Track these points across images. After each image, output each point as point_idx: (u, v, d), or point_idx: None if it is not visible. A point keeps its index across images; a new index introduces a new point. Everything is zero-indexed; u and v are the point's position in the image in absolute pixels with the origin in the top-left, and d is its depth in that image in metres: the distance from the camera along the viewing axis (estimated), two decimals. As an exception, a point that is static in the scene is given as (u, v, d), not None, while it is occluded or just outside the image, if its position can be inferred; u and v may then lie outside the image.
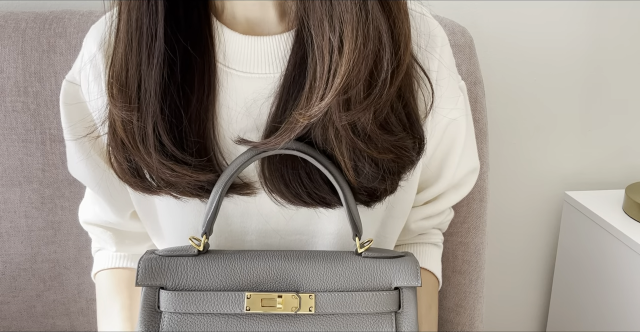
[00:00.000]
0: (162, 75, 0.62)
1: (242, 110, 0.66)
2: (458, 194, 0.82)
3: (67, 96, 0.72)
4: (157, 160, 0.64)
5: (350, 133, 0.62)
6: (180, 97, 0.63)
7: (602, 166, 1.33)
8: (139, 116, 0.63)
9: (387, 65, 0.60)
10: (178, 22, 0.63)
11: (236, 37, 0.66)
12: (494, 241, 1.36)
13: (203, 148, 0.65)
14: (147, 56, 0.61)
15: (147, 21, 0.60)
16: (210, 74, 0.65)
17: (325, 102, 0.59)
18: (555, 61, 1.23)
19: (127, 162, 0.66)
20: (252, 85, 0.66)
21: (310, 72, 0.61)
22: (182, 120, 0.64)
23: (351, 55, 0.57)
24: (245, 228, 0.72)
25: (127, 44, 0.61)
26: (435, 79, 0.69)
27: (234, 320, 0.64)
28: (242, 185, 0.68)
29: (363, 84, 0.60)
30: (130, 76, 0.62)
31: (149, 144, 0.63)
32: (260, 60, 0.66)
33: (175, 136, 0.64)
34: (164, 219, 0.74)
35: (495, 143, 1.24)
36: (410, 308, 0.66)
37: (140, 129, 0.63)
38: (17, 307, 1.03)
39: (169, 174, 0.65)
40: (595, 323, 1.23)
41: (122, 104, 0.62)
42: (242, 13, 0.65)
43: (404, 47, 0.61)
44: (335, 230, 0.71)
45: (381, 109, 0.62)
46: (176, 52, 0.62)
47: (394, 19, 0.60)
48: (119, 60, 0.62)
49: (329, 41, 0.58)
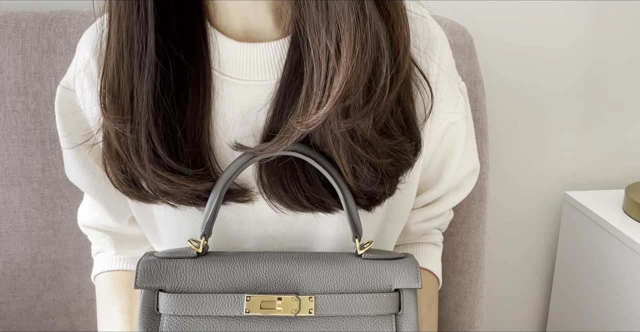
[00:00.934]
0: (154, 85, 0.60)
1: (238, 117, 0.65)
2: (458, 196, 0.82)
3: (62, 103, 0.71)
4: (152, 172, 0.63)
5: (349, 139, 0.61)
6: (174, 107, 0.62)
7: (602, 165, 1.33)
8: (132, 128, 0.61)
9: (386, 71, 0.58)
10: (170, 30, 0.61)
11: (231, 44, 0.65)
12: (494, 241, 1.36)
13: (199, 158, 0.65)
14: (138, 66, 0.60)
15: (137, 31, 0.59)
16: (205, 82, 0.64)
17: (323, 111, 0.58)
18: (555, 61, 1.23)
19: (122, 173, 0.65)
20: (248, 93, 0.65)
21: (307, 78, 0.60)
22: (177, 130, 0.63)
23: (349, 64, 0.56)
24: (243, 236, 0.71)
25: (118, 54, 0.60)
26: (435, 82, 0.68)
27: (233, 322, 0.64)
28: (239, 191, 0.67)
29: (362, 91, 0.58)
30: (122, 86, 0.61)
31: (144, 156, 0.62)
32: (256, 67, 0.65)
33: (170, 147, 0.63)
34: (162, 226, 0.74)
35: (495, 143, 1.24)
36: (410, 310, 0.66)
37: (133, 141, 0.62)
38: (17, 307, 1.03)
39: (165, 185, 0.64)
40: (595, 323, 1.23)
41: (115, 115, 0.61)
42: (237, 20, 0.64)
43: (403, 51, 0.59)
44: (334, 235, 0.71)
45: (381, 115, 0.61)
46: (169, 62, 0.61)
47: (393, 23, 0.58)
48: (111, 70, 0.61)
49: (326, 47, 0.57)
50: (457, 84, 0.74)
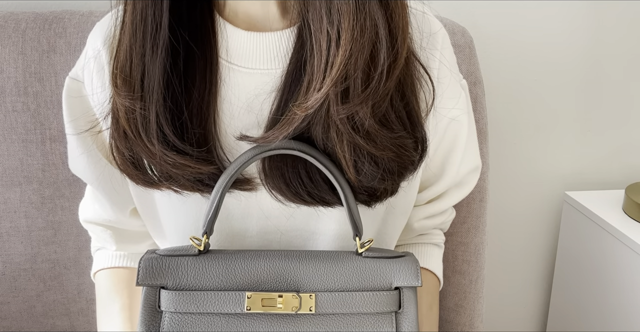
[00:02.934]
0: (164, 66, 0.63)
1: (243, 105, 0.67)
2: (460, 193, 0.82)
3: (70, 91, 0.72)
4: (158, 151, 0.64)
5: (349, 128, 0.62)
6: (182, 89, 0.64)
7: (602, 166, 1.34)
8: (142, 105, 0.64)
9: (383, 58, 0.60)
10: (181, 17, 0.64)
11: (238, 33, 0.66)
12: (494, 241, 1.36)
13: (204, 140, 0.66)
14: (151, 46, 0.62)
15: (151, 11, 0.61)
16: (212, 69, 0.66)
17: (322, 91, 0.59)
18: (555, 61, 1.23)
19: (129, 152, 0.67)
20: (254, 81, 0.66)
21: (309, 65, 0.61)
22: (184, 112, 0.65)
23: (347, 46, 0.58)
24: (245, 225, 0.72)
25: (132, 35, 0.62)
26: (437, 77, 0.69)
27: (234, 320, 0.64)
28: (243, 180, 0.68)
29: (360, 78, 0.60)
30: (135, 66, 0.63)
31: (152, 133, 0.64)
32: (262, 56, 0.66)
33: (177, 127, 0.64)
34: (165, 215, 0.74)
35: (495, 143, 1.24)
36: (410, 308, 0.66)
37: (142, 117, 0.64)
38: (17, 307, 1.03)
39: (170, 165, 0.65)
40: (595, 323, 1.23)
41: (126, 93, 0.63)
42: (244, 9, 0.66)
43: (401, 41, 0.61)
44: (336, 229, 0.71)
45: (379, 103, 0.62)
46: (179, 46, 0.63)
47: (391, 12, 0.60)
48: (124, 52, 0.63)
49: (327, 34, 0.59)
50: (459, 80, 0.74)
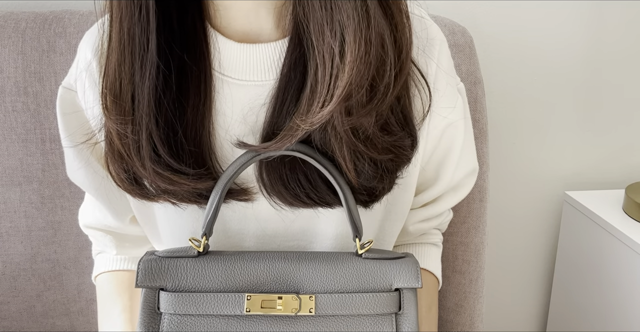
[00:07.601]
0: (155, 86, 0.61)
1: (238, 117, 0.66)
2: (456, 196, 0.82)
3: (64, 103, 0.71)
4: (153, 172, 0.63)
5: (351, 136, 0.62)
6: (175, 107, 0.63)
7: (602, 165, 1.33)
8: (133, 128, 0.62)
9: (389, 70, 0.59)
10: (172, 31, 0.62)
11: (231, 45, 0.65)
12: (494, 241, 1.36)
13: (200, 157, 0.65)
14: (139, 67, 0.60)
15: (139, 32, 0.59)
16: (206, 82, 0.64)
17: (328, 109, 0.58)
18: (555, 61, 1.23)
19: (124, 172, 0.66)
20: (248, 93, 0.66)
21: (311, 76, 0.60)
22: (178, 130, 0.63)
23: (354, 64, 0.56)
24: (243, 235, 0.72)
25: (120, 55, 0.60)
26: (433, 81, 0.69)
27: (234, 321, 0.64)
28: (239, 191, 0.68)
29: (366, 90, 0.59)
30: (124, 87, 0.61)
31: (145, 156, 0.63)
32: (255, 67, 0.65)
33: (172, 147, 0.63)
34: (163, 225, 0.74)
35: (495, 143, 1.24)
36: (410, 309, 0.66)
37: (135, 141, 0.62)
38: (17, 307, 1.03)
39: (166, 184, 0.64)
40: (595, 323, 1.23)
41: (117, 116, 0.62)
42: (237, 21, 0.64)
43: (405, 50, 0.60)
44: (334, 233, 0.71)
45: (382, 112, 0.62)
46: (170, 62, 0.61)
47: (396, 23, 0.59)
48: (112, 71, 0.61)
49: (330, 46, 0.57)
50: (456, 84, 0.74)
